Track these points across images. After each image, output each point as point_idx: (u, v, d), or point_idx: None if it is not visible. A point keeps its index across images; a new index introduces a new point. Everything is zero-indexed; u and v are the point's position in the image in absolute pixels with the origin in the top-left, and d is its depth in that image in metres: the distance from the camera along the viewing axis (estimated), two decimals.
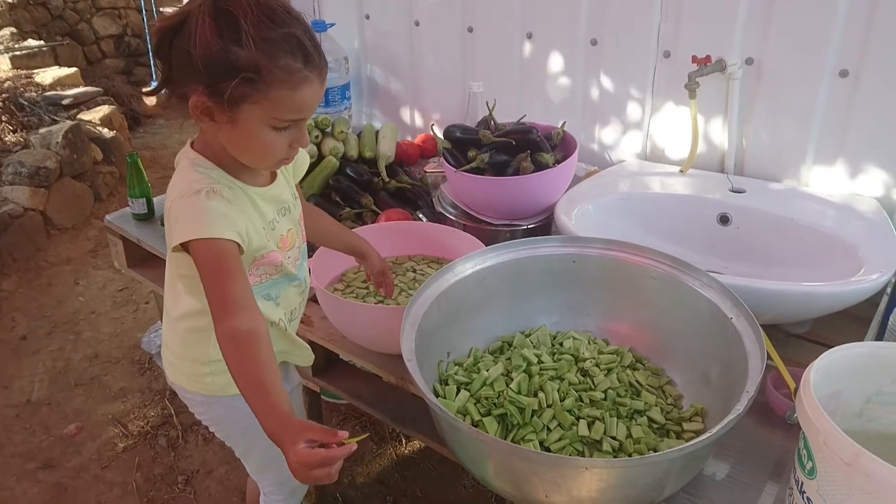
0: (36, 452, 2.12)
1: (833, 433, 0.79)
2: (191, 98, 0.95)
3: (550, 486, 0.93)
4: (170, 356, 1.24)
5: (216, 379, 1.18)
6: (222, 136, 1.00)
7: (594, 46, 1.81)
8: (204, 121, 0.97)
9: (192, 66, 0.92)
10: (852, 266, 1.28)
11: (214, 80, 0.92)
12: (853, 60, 1.44)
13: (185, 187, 1.00)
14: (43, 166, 3.36)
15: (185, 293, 1.13)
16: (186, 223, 0.96)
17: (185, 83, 0.95)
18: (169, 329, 1.22)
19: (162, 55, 0.96)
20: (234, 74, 0.91)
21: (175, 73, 0.96)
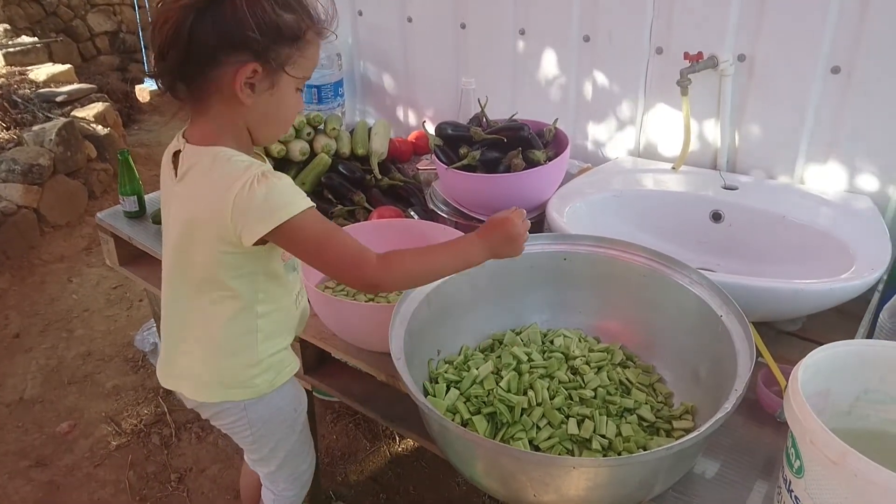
0: (28, 450, 2.11)
1: (820, 432, 0.79)
2: (238, 73, 0.95)
3: (539, 485, 0.93)
4: (204, 374, 1.16)
5: (266, 376, 1.16)
6: (252, 109, 1.00)
7: (587, 43, 1.80)
8: (245, 94, 0.97)
9: (238, 38, 0.93)
10: (844, 263, 1.27)
11: (267, 45, 0.94)
12: (845, 57, 1.44)
13: (240, 178, 0.96)
14: (36, 164, 3.35)
15: (231, 294, 1.07)
16: (268, 210, 0.95)
17: (223, 59, 0.95)
18: (202, 345, 1.14)
19: (179, 34, 0.93)
20: (285, 37, 0.96)
21: (205, 52, 0.94)
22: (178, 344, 1.17)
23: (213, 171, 1.00)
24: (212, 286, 1.07)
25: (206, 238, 1.02)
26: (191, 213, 1.03)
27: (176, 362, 1.19)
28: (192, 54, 0.94)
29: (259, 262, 1.06)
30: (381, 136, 2.06)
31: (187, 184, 1.03)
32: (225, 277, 1.06)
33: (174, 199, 1.08)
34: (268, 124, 1.04)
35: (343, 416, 2.19)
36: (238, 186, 0.96)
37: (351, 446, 2.09)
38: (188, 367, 1.17)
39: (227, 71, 0.96)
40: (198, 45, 0.94)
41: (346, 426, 2.16)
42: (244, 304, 1.09)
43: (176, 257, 1.10)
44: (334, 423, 2.17)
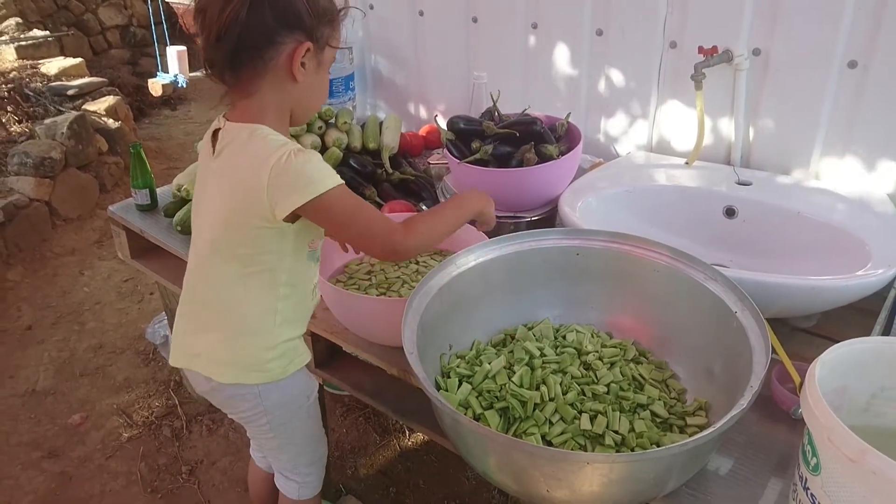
0: (41, 442, 2.13)
1: (838, 429, 0.78)
2: (296, 52, 1.03)
3: (552, 480, 0.92)
4: (222, 354, 1.17)
5: (279, 362, 1.19)
6: (299, 88, 1.07)
7: (599, 37, 1.79)
8: (300, 72, 1.04)
9: (296, 18, 1.01)
10: (860, 260, 1.26)
11: (315, 25, 1.03)
12: (862, 51, 1.42)
13: (275, 153, 1.01)
14: (48, 157, 3.36)
15: (257, 270, 1.10)
16: (302, 184, 1.00)
17: (280, 39, 1.02)
18: (223, 323, 1.15)
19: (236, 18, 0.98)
20: (328, 18, 1.05)
21: (262, 33, 1.00)
22: (199, 321, 1.18)
23: (249, 146, 1.04)
24: (241, 262, 1.10)
25: (241, 212, 1.06)
26: (228, 187, 1.07)
27: (195, 340, 1.20)
28: (249, 37, 1.00)
29: (287, 241, 1.09)
30: (393, 131, 2.05)
31: (224, 159, 1.08)
32: (254, 252, 1.09)
33: (211, 176, 1.12)
34: (311, 101, 1.13)
35: (353, 409, 2.19)
36: (274, 160, 1.00)
37: (361, 440, 2.09)
38: (207, 345, 1.18)
39: (283, 51, 1.03)
40: (255, 27, 1.00)
41: (356, 420, 2.16)
42: (268, 283, 1.12)
43: (210, 233, 1.12)
44: (344, 416, 2.18)
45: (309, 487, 1.41)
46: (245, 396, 1.20)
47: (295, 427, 1.31)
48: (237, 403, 1.22)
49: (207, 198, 1.14)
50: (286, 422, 1.27)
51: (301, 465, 1.38)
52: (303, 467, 1.39)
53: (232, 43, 1.00)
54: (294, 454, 1.36)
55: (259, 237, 1.07)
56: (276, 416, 1.24)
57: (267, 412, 1.23)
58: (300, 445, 1.35)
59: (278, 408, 1.24)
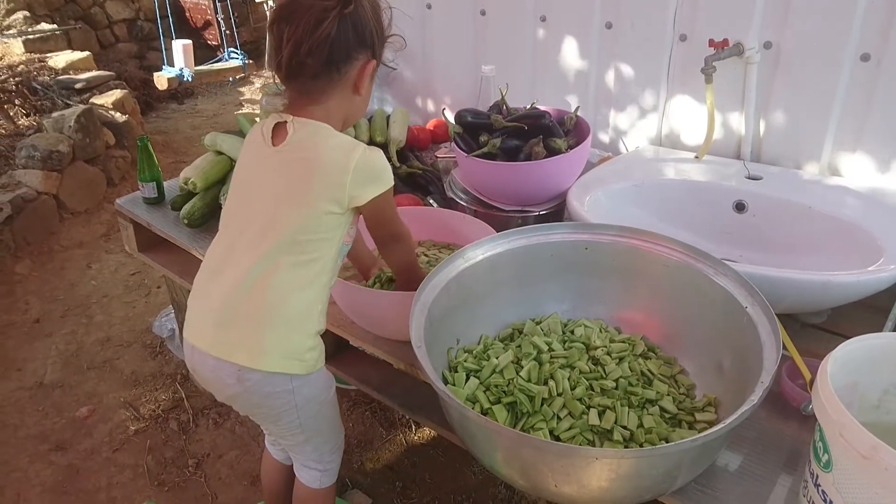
0: (48, 434, 2.13)
1: (850, 425, 0.77)
2: (366, 67, 1.15)
3: (560, 475, 0.92)
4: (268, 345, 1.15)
5: (315, 353, 1.21)
6: (358, 98, 1.18)
7: (609, 30, 1.77)
8: (364, 85, 1.16)
9: (368, 39, 1.13)
10: (871, 255, 1.25)
11: (380, 44, 1.16)
12: (875, 44, 1.41)
13: (352, 146, 1.12)
14: (56, 150, 3.37)
15: (309, 258, 1.14)
16: (381, 176, 1.13)
17: (355, 56, 1.13)
18: (272, 312, 1.14)
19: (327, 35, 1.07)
20: (384, 37, 1.18)
21: (344, 49, 1.11)
22: (241, 310, 1.15)
23: (329, 140, 1.13)
24: (300, 248, 1.13)
25: (316, 197, 1.11)
26: (301, 173, 1.12)
27: (234, 331, 1.15)
28: (334, 53, 1.10)
29: (340, 230, 1.16)
30: (400, 124, 2.04)
31: (297, 149, 1.13)
32: (314, 239, 1.13)
33: (270, 165, 1.16)
34: (361, 112, 1.24)
35: (359, 404, 2.19)
36: (360, 152, 1.10)
37: (367, 434, 2.09)
38: (250, 335, 1.14)
39: (355, 66, 1.13)
40: (340, 44, 1.10)
41: (363, 414, 2.16)
42: (317, 272, 1.15)
43: (266, 220, 1.14)
44: (350, 410, 2.17)
45: (330, 475, 1.42)
46: (280, 395, 1.19)
47: (321, 419, 1.31)
48: (272, 402, 1.20)
49: (265, 185, 1.16)
50: (314, 415, 1.28)
51: (325, 454, 1.39)
52: (327, 455, 1.39)
53: (321, 57, 1.09)
54: (319, 444, 1.36)
55: (325, 223, 1.13)
56: (305, 410, 1.24)
57: (298, 408, 1.23)
58: (325, 435, 1.36)
59: (307, 402, 1.24)
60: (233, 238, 1.18)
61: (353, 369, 1.54)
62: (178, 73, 4.87)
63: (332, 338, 1.50)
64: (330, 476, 1.42)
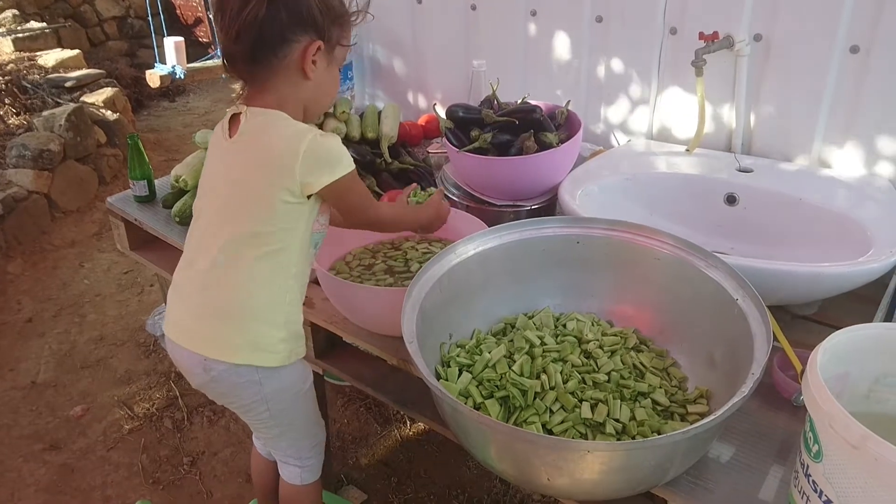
0: (42, 434, 2.13)
1: (840, 416, 0.77)
2: (307, 50, 1.08)
3: (552, 469, 0.92)
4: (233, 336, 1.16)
5: (287, 345, 1.20)
6: (311, 85, 1.12)
7: (599, 24, 1.77)
8: (311, 69, 1.10)
9: (309, 18, 1.06)
10: (861, 246, 1.25)
11: (327, 25, 1.09)
12: (864, 36, 1.41)
13: (304, 133, 1.08)
14: (46, 149, 3.35)
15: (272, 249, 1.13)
16: (334, 162, 1.09)
17: (293, 38, 1.07)
18: (237, 304, 1.15)
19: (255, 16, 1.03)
20: (338, 18, 1.10)
21: (277, 31, 1.06)
22: (208, 303, 1.17)
23: (279, 127, 1.10)
24: (259, 239, 1.12)
25: (270, 186, 1.09)
26: (255, 163, 1.11)
27: (203, 324, 1.18)
28: (266, 36, 1.05)
29: (302, 219, 1.14)
30: (391, 120, 2.04)
31: (249, 139, 1.11)
32: (273, 230, 1.12)
33: (226, 157, 1.15)
34: (322, 97, 1.17)
35: (354, 400, 2.20)
36: (309, 137, 1.07)
37: (362, 430, 2.09)
38: (217, 327, 1.16)
39: (295, 49, 1.08)
40: (271, 26, 1.05)
41: (357, 410, 2.16)
42: (282, 262, 1.14)
43: (224, 213, 1.14)
44: (345, 407, 2.18)
45: (311, 471, 1.42)
46: (246, 385, 1.20)
47: (295, 413, 1.31)
48: (239, 393, 1.22)
49: (223, 178, 1.16)
50: (285, 408, 1.28)
51: (303, 450, 1.39)
52: (305, 451, 1.39)
53: (250, 41, 1.05)
54: (295, 439, 1.37)
55: (282, 213, 1.11)
56: (275, 403, 1.25)
57: (266, 400, 1.23)
58: (300, 430, 1.36)
59: (277, 394, 1.24)
60: (201, 231, 1.19)
61: (347, 366, 1.53)
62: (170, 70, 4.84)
63: (324, 334, 1.50)
64: (311, 472, 1.42)
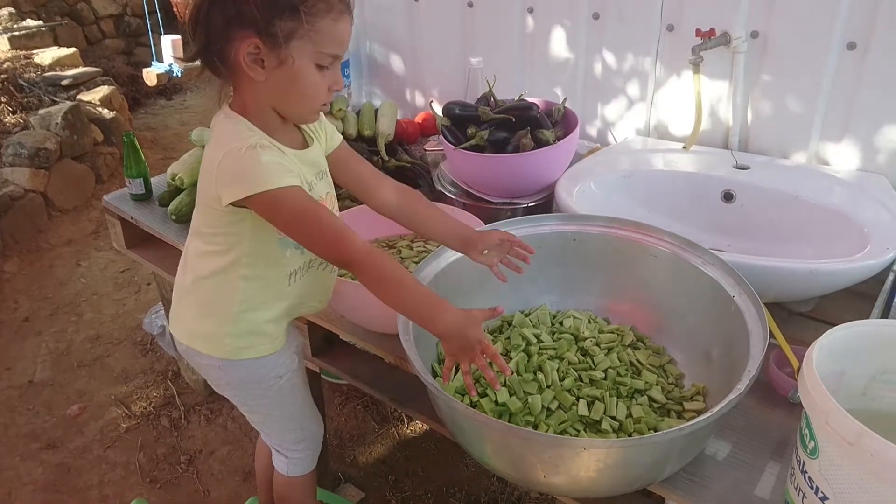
0: (39, 433, 2.13)
1: (836, 412, 0.77)
2: (241, 49, 0.97)
3: (549, 466, 0.92)
4: (188, 320, 1.22)
5: (236, 342, 1.18)
6: (268, 86, 1.01)
7: (596, 20, 1.77)
8: (254, 70, 0.99)
9: (241, 14, 0.95)
10: (858, 243, 1.25)
11: (267, 19, 0.95)
12: (861, 32, 1.41)
13: (234, 143, 1.01)
14: (43, 147, 3.34)
15: (215, 250, 1.13)
16: (248, 177, 0.99)
17: (231, 36, 0.98)
18: (189, 291, 1.20)
19: (200, 16, 0.98)
20: (284, 9, 0.95)
21: (218, 31, 0.98)
22: (177, 285, 1.24)
23: (219, 132, 1.06)
24: (203, 239, 1.15)
25: (202, 192, 1.10)
26: (202, 169, 1.11)
27: (174, 301, 1.25)
28: (210, 36, 0.99)
29: (244, 225, 1.09)
30: (388, 118, 2.04)
31: (208, 141, 1.11)
32: (212, 233, 1.12)
33: None
34: (287, 101, 1.05)
35: (351, 398, 2.19)
36: (229, 148, 1.00)
37: (359, 428, 2.09)
38: (178, 307, 1.24)
39: (236, 48, 0.98)
40: (212, 24, 0.98)
41: (355, 408, 2.16)
42: (227, 264, 1.13)
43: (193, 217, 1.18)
44: (342, 405, 2.17)
45: (298, 465, 1.41)
46: (207, 368, 1.23)
47: (269, 406, 1.30)
48: (205, 371, 1.26)
49: None
50: (256, 400, 1.28)
51: (287, 443, 1.38)
52: (290, 444, 1.38)
53: (200, 39, 1.00)
54: (277, 431, 1.36)
55: (215, 217, 1.10)
56: (241, 391, 1.26)
57: (231, 386, 1.25)
58: (280, 423, 1.34)
59: (242, 385, 1.25)
60: None
61: (344, 364, 1.53)
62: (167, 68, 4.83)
63: (321, 332, 1.50)
64: (298, 466, 1.41)
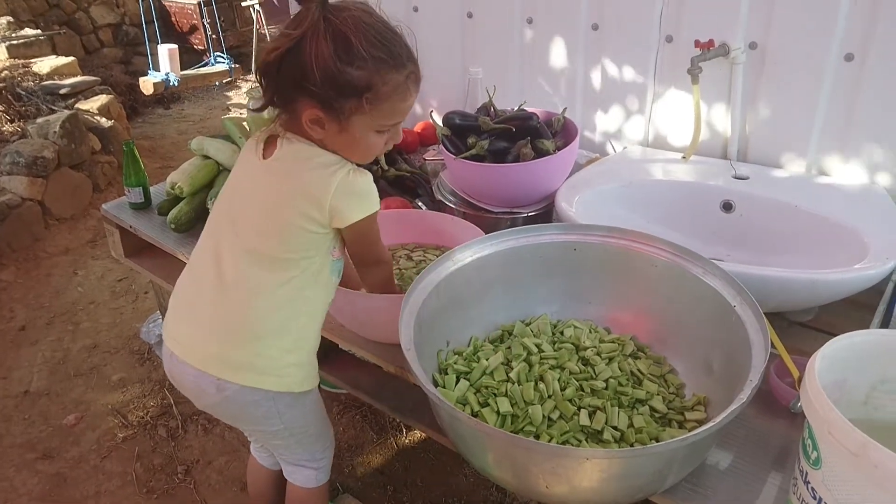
0: (35, 443, 2.11)
1: (839, 423, 0.77)
2: (304, 112, 1.03)
3: (551, 476, 0.91)
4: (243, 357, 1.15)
5: (298, 371, 1.19)
6: (327, 139, 1.07)
7: (595, 31, 1.78)
8: (314, 130, 1.05)
9: (306, 85, 0.99)
10: (857, 253, 1.26)
11: (330, 97, 1.00)
12: (859, 44, 1.42)
13: (337, 165, 1.07)
14: (41, 156, 3.34)
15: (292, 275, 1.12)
16: (369, 199, 1.09)
17: (297, 98, 1.03)
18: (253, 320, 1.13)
19: (269, 73, 1.03)
20: (350, 93, 1.00)
21: (285, 90, 1.04)
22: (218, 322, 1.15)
23: (314, 157, 1.08)
24: (280, 265, 1.11)
25: (296, 217, 1.08)
26: (288, 191, 1.09)
27: (212, 342, 1.16)
28: (276, 90, 1.05)
29: (323, 248, 1.13)
30: None
31: (284, 165, 1.09)
32: (297, 257, 1.11)
33: (257, 178, 1.13)
34: (343, 151, 1.10)
35: (349, 407, 2.18)
36: (343, 173, 1.06)
37: (358, 438, 2.08)
38: (224, 347, 1.15)
39: (299, 108, 1.04)
40: (283, 78, 1.02)
41: (353, 418, 2.15)
42: (299, 286, 1.13)
43: (246, 234, 1.13)
44: (341, 414, 2.16)
45: (325, 472, 1.41)
46: (259, 402, 1.18)
47: (308, 421, 1.30)
48: (252, 411, 1.19)
49: (250, 198, 1.14)
50: (299, 418, 1.27)
51: (317, 452, 1.38)
52: (318, 453, 1.38)
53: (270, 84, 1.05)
54: (310, 444, 1.35)
55: (308, 241, 1.10)
56: (288, 416, 1.23)
57: (280, 414, 1.22)
58: (314, 435, 1.35)
59: (290, 408, 1.23)
60: (217, 247, 1.16)
61: (344, 373, 1.53)
62: (164, 77, 4.84)
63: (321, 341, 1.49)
64: (325, 473, 1.41)
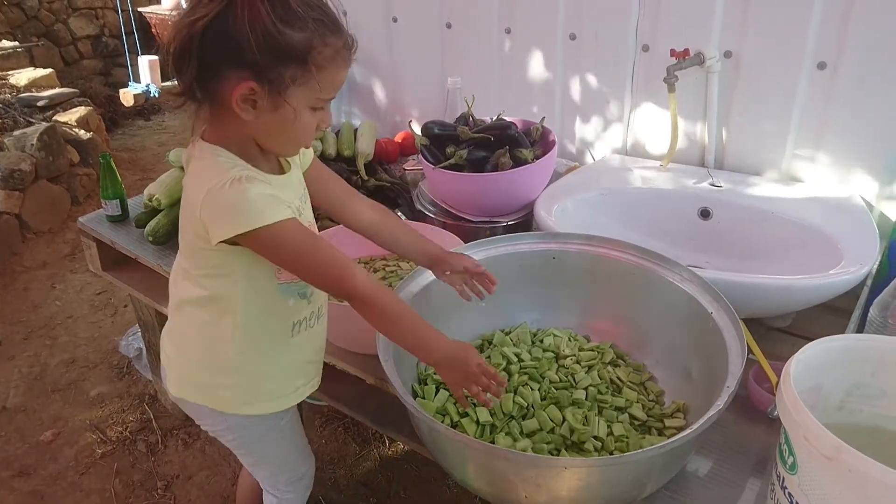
0: (11, 460, 2.07)
1: (814, 427, 0.78)
2: (234, 90, 0.92)
3: (530, 486, 0.91)
4: (180, 367, 1.16)
5: (232, 393, 1.13)
6: (257, 124, 0.96)
7: (573, 41, 1.79)
8: (245, 111, 0.94)
9: (237, 55, 0.89)
10: (832, 258, 1.27)
11: (268, 65, 0.90)
12: (831, 52, 1.44)
13: (217, 177, 0.94)
14: (17, 169, 3.30)
15: (206, 295, 1.06)
16: (240, 213, 0.93)
17: (224, 73, 0.92)
18: (182, 336, 1.14)
19: (189, 51, 0.91)
20: (290, 57, 0.90)
21: (208, 65, 0.92)
22: (170, 329, 1.18)
23: (199, 165, 0.99)
24: (193, 282, 1.07)
25: (187, 229, 1.03)
26: (183, 203, 1.04)
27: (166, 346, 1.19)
28: (199, 68, 0.92)
29: (235, 264, 1.03)
30: (367, 137, 2.04)
31: (186, 176, 1.03)
32: (202, 274, 1.05)
33: None
34: (275, 140, 1.00)
35: (332, 420, 2.17)
36: (212, 183, 0.94)
37: (340, 451, 2.07)
38: (171, 354, 1.18)
39: (227, 86, 0.93)
40: (202, 59, 0.91)
41: (335, 430, 2.14)
42: (223, 309, 1.07)
43: (180, 253, 1.10)
44: (323, 427, 2.15)
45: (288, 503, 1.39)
46: (205, 413, 1.17)
47: (266, 448, 1.26)
48: (201, 417, 1.20)
49: None
50: (254, 442, 1.24)
51: (280, 483, 1.35)
52: (281, 485, 1.36)
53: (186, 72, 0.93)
54: (271, 473, 1.33)
55: (204, 258, 1.03)
56: (241, 435, 1.22)
57: (231, 430, 1.20)
58: (275, 465, 1.31)
59: (241, 429, 1.20)
60: None
61: (325, 385, 1.51)
62: (144, 89, 4.82)
63: None
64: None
